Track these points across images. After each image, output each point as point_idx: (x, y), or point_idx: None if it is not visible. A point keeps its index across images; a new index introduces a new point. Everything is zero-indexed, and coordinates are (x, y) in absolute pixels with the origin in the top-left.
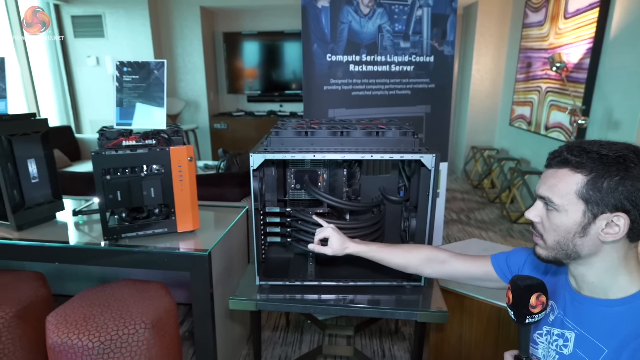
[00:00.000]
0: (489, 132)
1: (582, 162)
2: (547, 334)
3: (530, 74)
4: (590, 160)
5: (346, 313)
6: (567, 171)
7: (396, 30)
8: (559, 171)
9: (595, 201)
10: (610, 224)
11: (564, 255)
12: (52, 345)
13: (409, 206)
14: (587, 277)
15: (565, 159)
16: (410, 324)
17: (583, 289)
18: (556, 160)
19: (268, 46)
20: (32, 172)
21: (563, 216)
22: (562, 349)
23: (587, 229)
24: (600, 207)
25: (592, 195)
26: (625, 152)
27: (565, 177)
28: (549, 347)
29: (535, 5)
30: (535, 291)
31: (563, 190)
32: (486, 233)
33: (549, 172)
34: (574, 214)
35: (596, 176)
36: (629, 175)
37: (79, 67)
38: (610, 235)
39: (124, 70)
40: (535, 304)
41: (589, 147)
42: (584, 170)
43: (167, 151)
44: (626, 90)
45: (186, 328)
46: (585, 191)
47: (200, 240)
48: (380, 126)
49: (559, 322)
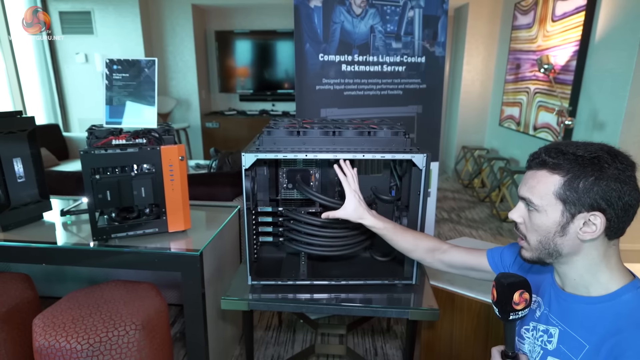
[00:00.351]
0: (479, 132)
1: (559, 163)
2: (534, 329)
3: (520, 75)
4: (566, 162)
5: (339, 312)
6: (545, 172)
7: (388, 30)
8: (537, 172)
9: (572, 201)
10: (588, 223)
11: (547, 254)
12: (39, 348)
13: (401, 205)
14: (569, 274)
15: (543, 161)
16: (402, 322)
17: (566, 286)
18: (535, 162)
19: (260, 45)
20: (18, 171)
21: (543, 216)
22: (546, 345)
23: (566, 229)
24: (577, 206)
25: (569, 196)
26: (600, 152)
27: (544, 179)
28: (534, 343)
29: (524, 8)
30: (518, 288)
31: (542, 191)
32: (476, 232)
33: (529, 173)
34: (553, 214)
35: (572, 177)
36: (603, 176)
37: (67, 64)
38: (588, 234)
39: (114, 68)
40: (519, 301)
41: (566, 148)
42: (561, 172)
43: (158, 150)
44: (610, 92)
45: (177, 329)
46: (563, 192)
47: (192, 240)
48: (372, 126)
49: (544, 318)
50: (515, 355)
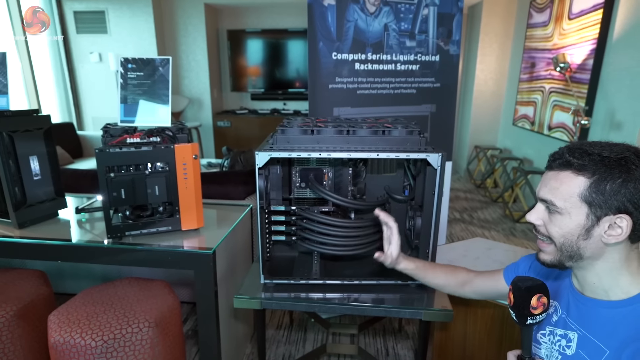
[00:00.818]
0: (492, 132)
1: (585, 164)
2: (550, 334)
3: (534, 74)
4: (592, 163)
5: (351, 312)
6: (569, 174)
7: (402, 29)
8: (560, 174)
9: (599, 204)
10: (613, 226)
11: (567, 257)
12: (55, 344)
13: (414, 205)
14: (589, 278)
15: (567, 162)
16: (413, 322)
17: (585, 290)
18: (557, 163)
19: (272, 44)
20: (35, 169)
21: (566, 219)
22: (565, 350)
23: (590, 232)
24: (603, 209)
25: (596, 198)
26: (627, 153)
27: (568, 180)
28: (552, 347)
29: (540, 5)
30: (536, 292)
31: (566, 194)
32: (489, 232)
33: (550, 174)
34: (578, 216)
35: (599, 179)
36: (631, 178)
37: (81, 63)
38: (613, 237)
39: (129, 67)
40: (537, 305)
41: (591, 149)
42: (587, 173)
43: (171, 149)
44: (629, 92)
45: (189, 327)
46: (589, 194)
47: (205, 238)
48: (386, 125)
49: (562, 322)
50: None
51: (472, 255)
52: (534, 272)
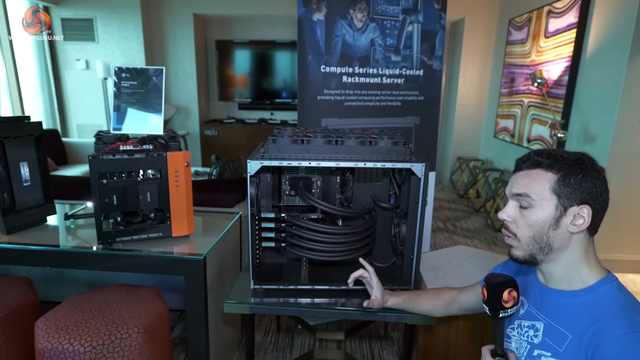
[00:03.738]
0: (474, 143)
1: (552, 163)
2: (518, 327)
3: (514, 88)
4: (557, 162)
5: (338, 316)
6: (539, 171)
7: (388, 44)
8: (532, 171)
9: (566, 195)
10: (577, 216)
11: (539, 249)
12: (42, 350)
13: (400, 213)
14: (555, 271)
15: (536, 161)
16: (398, 329)
17: (550, 283)
18: (527, 164)
19: (259, 55)
20: (25, 175)
21: (538, 211)
22: (532, 339)
23: (559, 222)
24: (569, 200)
25: (564, 190)
26: (580, 155)
27: (539, 176)
28: (520, 339)
29: (519, 24)
30: (507, 287)
31: (538, 187)
32: (471, 241)
33: (521, 173)
34: (548, 207)
35: (564, 174)
36: (588, 174)
37: (67, 70)
38: (577, 226)
39: (123, 76)
40: (508, 299)
41: (553, 152)
42: (554, 170)
43: (164, 156)
44: (601, 107)
45: (176, 334)
46: (558, 187)
47: (195, 245)
48: (372, 136)
49: (529, 314)
50: (505, 352)
51: (455, 262)
52: (506, 272)
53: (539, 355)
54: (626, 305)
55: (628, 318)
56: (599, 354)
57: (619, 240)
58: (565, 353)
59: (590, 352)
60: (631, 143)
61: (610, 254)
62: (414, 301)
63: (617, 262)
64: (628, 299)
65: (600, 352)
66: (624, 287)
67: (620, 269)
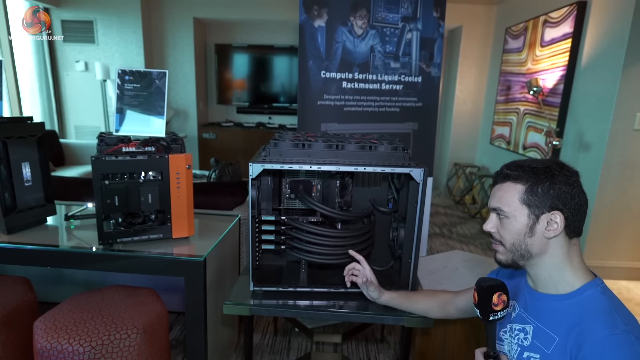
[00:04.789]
0: (470, 150)
1: (519, 174)
2: (510, 330)
3: (510, 96)
4: (524, 173)
5: (337, 318)
6: (509, 184)
7: (387, 51)
8: (503, 185)
9: (535, 204)
10: (550, 222)
11: (519, 256)
12: (41, 350)
13: (398, 217)
14: (540, 275)
15: (506, 175)
16: (395, 332)
17: (538, 287)
18: (500, 177)
19: (258, 59)
20: (26, 175)
21: (513, 221)
22: (522, 342)
23: (533, 229)
24: (539, 208)
25: (532, 199)
26: (550, 163)
27: (509, 189)
28: (511, 342)
29: (515, 32)
30: (497, 291)
31: (509, 200)
32: (467, 246)
33: (496, 187)
34: (521, 217)
35: (532, 184)
36: (555, 181)
37: (66, 71)
38: (552, 231)
39: (126, 78)
40: (497, 302)
41: (523, 163)
42: (522, 181)
43: (166, 158)
44: (596, 115)
45: (174, 336)
46: (526, 197)
47: (195, 246)
48: (372, 141)
49: (520, 318)
50: (497, 355)
51: (451, 266)
52: (500, 277)
53: (528, 357)
54: (609, 309)
55: (610, 320)
56: (582, 356)
57: (612, 248)
58: (552, 355)
59: (574, 353)
60: (625, 151)
61: (604, 260)
62: (410, 299)
63: (611, 269)
64: (612, 302)
65: (583, 353)
66: (609, 291)
67: (614, 276)
